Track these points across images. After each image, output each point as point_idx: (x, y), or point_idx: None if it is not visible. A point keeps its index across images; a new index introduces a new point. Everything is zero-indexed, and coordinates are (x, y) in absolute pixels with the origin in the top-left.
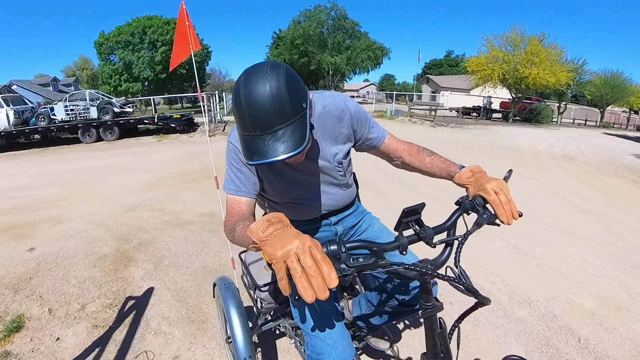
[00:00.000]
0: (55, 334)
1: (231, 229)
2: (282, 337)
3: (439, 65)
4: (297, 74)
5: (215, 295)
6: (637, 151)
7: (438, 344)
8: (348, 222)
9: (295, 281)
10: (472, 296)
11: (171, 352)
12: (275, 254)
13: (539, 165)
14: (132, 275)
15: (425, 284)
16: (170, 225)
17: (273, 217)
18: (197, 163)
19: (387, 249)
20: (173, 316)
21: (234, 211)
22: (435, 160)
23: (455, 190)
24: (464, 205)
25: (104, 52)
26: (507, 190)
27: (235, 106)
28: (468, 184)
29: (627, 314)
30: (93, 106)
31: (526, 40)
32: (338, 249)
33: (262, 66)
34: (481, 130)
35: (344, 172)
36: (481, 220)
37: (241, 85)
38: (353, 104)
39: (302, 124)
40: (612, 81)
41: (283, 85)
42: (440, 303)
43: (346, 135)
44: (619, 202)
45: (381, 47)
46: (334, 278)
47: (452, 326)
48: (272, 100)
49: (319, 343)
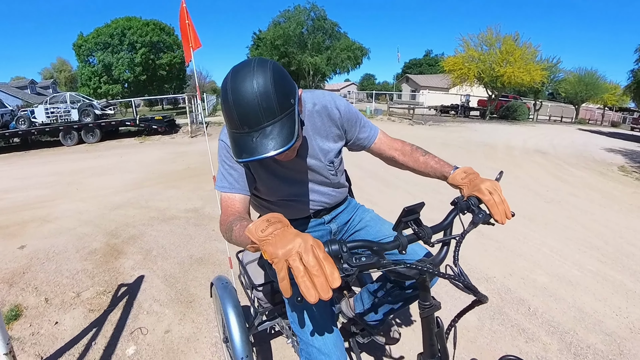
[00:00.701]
0: (54, 319)
1: (228, 228)
2: (279, 336)
3: (418, 65)
4: None
5: (213, 295)
6: (609, 145)
7: (435, 343)
8: (341, 218)
9: (298, 281)
10: (471, 293)
11: (163, 327)
12: (276, 252)
13: (511, 160)
14: (123, 266)
15: (424, 283)
16: (156, 221)
17: (272, 217)
18: (180, 163)
19: (387, 249)
20: (163, 298)
21: (229, 209)
22: (429, 160)
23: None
24: (459, 205)
25: (82, 54)
26: (500, 191)
27: (223, 104)
28: (462, 185)
29: (576, 287)
30: (74, 108)
31: (501, 39)
32: (339, 249)
33: (249, 63)
34: (458, 127)
35: (335, 171)
36: (477, 220)
37: (228, 83)
38: (343, 103)
39: (291, 120)
40: (586, 79)
41: (270, 82)
42: (437, 302)
43: (337, 134)
44: (584, 192)
45: (361, 47)
46: (336, 277)
47: (449, 325)
48: (259, 97)
49: (314, 351)
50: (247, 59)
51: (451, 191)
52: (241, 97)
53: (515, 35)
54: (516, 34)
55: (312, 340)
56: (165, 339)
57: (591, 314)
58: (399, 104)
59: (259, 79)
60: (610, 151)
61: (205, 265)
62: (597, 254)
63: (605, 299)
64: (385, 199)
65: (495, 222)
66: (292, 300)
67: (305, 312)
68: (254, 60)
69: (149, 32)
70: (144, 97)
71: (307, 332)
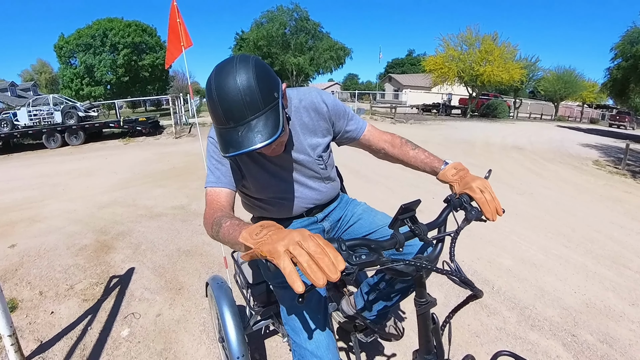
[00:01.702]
0: (49, 310)
1: (215, 223)
2: (274, 335)
3: (401, 64)
4: None
5: (208, 295)
6: (585, 141)
7: (431, 339)
8: (334, 216)
9: (303, 267)
10: (467, 288)
11: (154, 311)
12: (275, 247)
13: (489, 155)
14: (114, 260)
15: (420, 280)
16: (144, 218)
17: (265, 222)
18: (165, 163)
19: (385, 246)
20: (153, 287)
21: (214, 204)
22: (419, 154)
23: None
24: (452, 202)
25: (64, 56)
26: (490, 189)
27: (208, 101)
28: (453, 182)
29: (540, 269)
30: (57, 111)
31: (480, 39)
32: (339, 247)
33: (231, 60)
34: (439, 125)
35: (325, 165)
36: (470, 217)
37: (212, 80)
38: (329, 97)
39: (275, 113)
40: (564, 77)
41: (252, 77)
42: (433, 298)
43: (325, 129)
44: (557, 184)
45: (343, 48)
46: (340, 260)
47: (444, 321)
48: (242, 92)
49: (307, 354)
50: (230, 56)
51: (430, 186)
52: (225, 93)
53: (494, 35)
54: (495, 34)
55: (305, 343)
56: (157, 321)
57: (551, 292)
58: (382, 103)
59: (242, 75)
60: (586, 146)
61: (193, 257)
62: (563, 239)
63: (565, 279)
64: (366, 194)
65: (487, 219)
66: (287, 302)
67: (298, 314)
68: (237, 57)
69: (131, 33)
70: (127, 98)
71: (301, 335)
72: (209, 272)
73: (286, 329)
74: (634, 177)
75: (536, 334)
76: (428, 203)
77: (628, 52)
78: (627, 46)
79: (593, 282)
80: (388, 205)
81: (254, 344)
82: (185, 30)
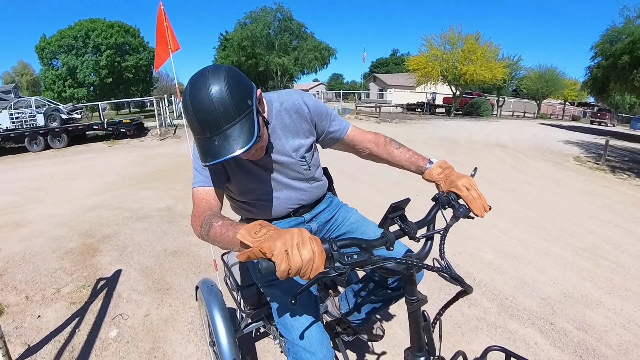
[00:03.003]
0: (36, 313)
1: (204, 222)
2: (265, 337)
3: (385, 64)
4: (243, 73)
5: (198, 299)
6: (567, 138)
7: (423, 337)
8: (322, 217)
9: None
10: (457, 284)
11: (142, 312)
12: (275, 243)
13: (471, 153)
14: (100, 262)
15: (411, 278)
16: (130, 220)
17: (261, 223)
18: (150, 165)
19: (375, 246)
20: (141, 288)
21: (202, 203)
22: (404, 153)
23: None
24: (440, 201)
25: (46, 57)
26: (476, 186)
27: (184, 113)
28: (439, 181)
29: (520, 261)
30: (40, 113)
31: (463, 39)
32: (330, 248)
33: (204, 72)
34: (423, 124)
35: (308, 165)
36: (458, 214)
37: (187, 93)
38: (311, 98)
39: (249, 120)
40: (546, 75)
41: (225, 87)
42: (424, 296)
43: (307, 130)
44: (538, 180)
45: (327, 48)
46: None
47: (434, 318)
48: (214, 103)
49: (301, 351)
50: (203, 68)
51: (414, 183)
52: (199, 104)
53: (477, 34)
54: (477, 34)
55: (298, 340)
56: (145, 321)
57: (530, 282)
58: (366, 103)
59: (214, 86)
60: (568, 143)
61: (180, 257)
62: (543, 233)
63: (545, 270)
64: (352, 192)
65: (474, 216)
66: (277, 300)
67: (291, 313)
68: (209, 68)
69: (113, 34)
70: (110, 100)
71: (293, 332)
72: (196, 272)
73: (278, 327)
74: (613, 172)
75: (515, 323)
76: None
77: (608, 51)
78: (606, 45)
79: (571, 273)
80: (372, 202)
81: (245, 347)
82: (173, 34)
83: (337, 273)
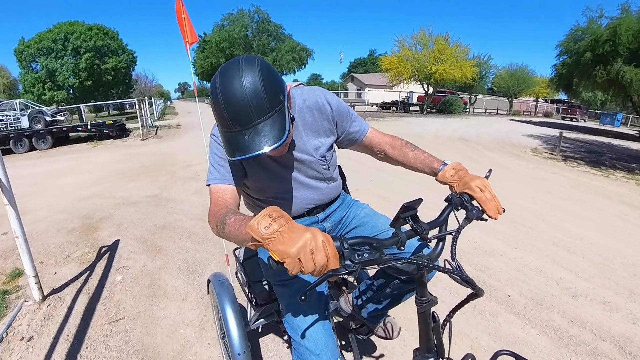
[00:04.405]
0: (52, 272)
1: (220, 221)
2: (275, 332)
3: (363, 64)
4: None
5: (210, 292)
6: (532, 132)
7: (432, 338)
8: (335, 216)
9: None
10: (468, 287)
11: (140, 264)
12: (288, 251)
13: (434, 147)
14: (101, 236)
15: (421, 278)
16: (122, 205)
17: (273, 211)
18: (135, 162)
19: (386, 245)
20: (137, 250)
21: (219, 201)
22: (419, 155)
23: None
24: (453, 201)
25: (25, 60)
26: (490, 188)
27: (213, 104)
28: (452, 182)
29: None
30: (24, 116)
31: (433, 39)
32: (341, 246)
33: (236, 62)
34: (395, 121)
35: (328, 165)
36: (471, 215)
37: (217, 83)
38: (334, 97)
39: (281, 116)
40: (517, 74)
41: (259, 80)
42: (434, 297)
43: (328, 129)
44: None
45: (305, 49)
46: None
47: (445, 320)
48: (248, 95)
49: (306, 352)
50: (235, 58)
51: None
52: (231, 96)
53: (446, 35)
54: (447, 34)
55: (304, 341)
56: (143, 269)
57: None
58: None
59: (248, 77)
60: (531, 137)
61: (168, 229)
62: None
63: (463, 234)
64: None
65: (488, 218)
66: (286, 299)
67: (298, 312)
68: (242, 59)
69: (92, 36)
70: (90, 102)
71: (299, 332)
72: (181, 238)
73: (285, 326)
74: (565, 161)
75: None
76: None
77: (572, 49)
78: (571, 44)
79: (487, 234)
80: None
81: (254, 342)
82: (191, 26)
83: (347, 271)
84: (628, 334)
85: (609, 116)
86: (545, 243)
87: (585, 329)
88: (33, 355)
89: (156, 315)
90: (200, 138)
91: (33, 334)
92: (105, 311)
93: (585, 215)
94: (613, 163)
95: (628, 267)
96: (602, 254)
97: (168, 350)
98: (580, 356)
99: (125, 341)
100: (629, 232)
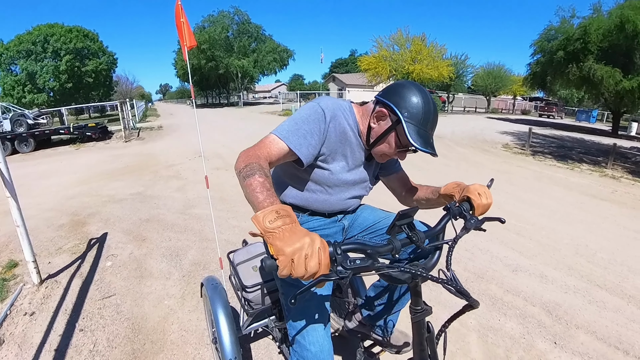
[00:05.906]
0: (46, 261)
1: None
2: (267, 336)
3: (344, 64)
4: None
5: (203, 295)
6: (506, 129)
7: (426, 348)
8: (349, 218)
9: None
10: (463, 298)
11: (127, 252)
12: (284, 249)
13: None
14: (89, 230)
15: (416, 288)
16: (108, 203)
17: (281, 209)
18: (118, 163)
19: (381, 252)
20: (124, 240)
21: (264, 149)
22: (422, 190)
23: None
24: (452, 210)
25: (4, 63)
26: (489, 194)
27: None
28: (454, 192)
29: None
30: (5, 119)
31: (410, 40)
32: (334, 251)
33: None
34: None
35: (369, 191)
36: (469, 225)
37: (415, 90)
38: None
39: None
40: (494, 72)
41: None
42: (429, 307)
43: None
44: (457, 162)
45: (286, 50)
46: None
47: (439, 330)
48: (434, 111)
49: (310, 356)
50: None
51: None
52: (431, 107)
53: (422, 36)
54: (423, 35)
55: (308, 345)
56: (130, 256)
57: None
58: None
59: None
60: (504, 134)
61: (152, 222)
62: None
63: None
64: None
65: (486, 229)
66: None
67: (302, 317)
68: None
69: (72, 38)
70: (71, 105)
71: (304, 335)
72: (165, 229)
73: (288, 328)
74: (534, 155)
75: None
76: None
77: (545, 48)
78: (544, 43)
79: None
80: None
81: (247, 346)
82: (189, 30)
83: (338, 277)
84: (558, 301)
85: (584, 113)
86: (497, 227)
87: (518, 296)
88: (37, 325)
89: (143, 291)
90: (181, 139)
91: (35, 310)
92: (98, 290)
93: (542, 203)
94: (580, 157)
95: (572, 247)
96: (551, 236)
97: (154, 317)
98: (510, 317)
99: (117, 312)
100: (581, 219)
